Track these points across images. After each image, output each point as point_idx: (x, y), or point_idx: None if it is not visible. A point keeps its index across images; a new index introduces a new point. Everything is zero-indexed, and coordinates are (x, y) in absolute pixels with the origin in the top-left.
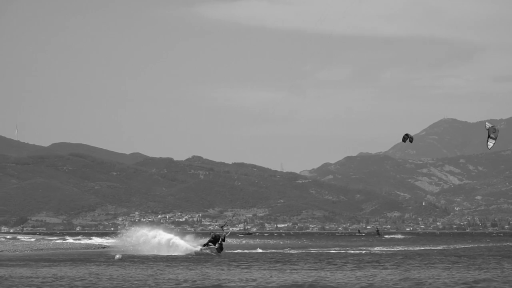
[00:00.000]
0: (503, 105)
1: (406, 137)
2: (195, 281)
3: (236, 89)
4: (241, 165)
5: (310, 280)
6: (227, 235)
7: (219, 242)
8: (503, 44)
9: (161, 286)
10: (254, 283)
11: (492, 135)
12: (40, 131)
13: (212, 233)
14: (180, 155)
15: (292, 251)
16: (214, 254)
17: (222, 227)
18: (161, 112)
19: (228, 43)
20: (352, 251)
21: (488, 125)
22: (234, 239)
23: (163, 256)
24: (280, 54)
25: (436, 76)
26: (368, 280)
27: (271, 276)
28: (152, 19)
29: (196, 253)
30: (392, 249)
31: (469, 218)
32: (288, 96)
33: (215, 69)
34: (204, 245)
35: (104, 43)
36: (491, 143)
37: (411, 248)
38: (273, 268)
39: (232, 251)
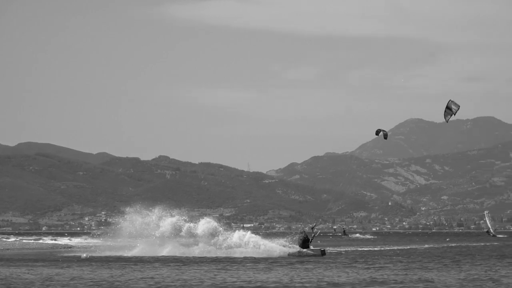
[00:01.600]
0: (470, 105)
1: (379, 131)
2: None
3: (203, 88)
4: (208, 165)
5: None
6: (316, 235)
7: (310, 242)
8: (471, 45)
9: None
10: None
11: (453, 107)
12: (6, 131)
13: (303, 232)
14: (146, 155)
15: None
16: (318, 256)
17: (312, 228)
18: (127, 112)
19: (194, 43)
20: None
21: (454, 108)
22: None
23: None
24: (247, 54)
25: (403, 76)
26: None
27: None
28: (119, 18)
29: (291, 254)
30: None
31: (435, 218)
32: (254, 96)
33: (182, 68)
34: (300, 245)
35: (73, 43)
36: (448, 115)
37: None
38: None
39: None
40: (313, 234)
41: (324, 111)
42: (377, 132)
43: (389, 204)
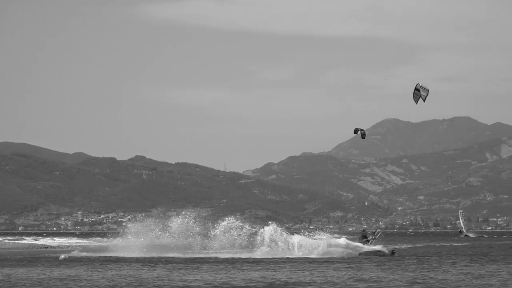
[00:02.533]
0: (446, 106)
1: (357, 130)
2: None
3: (180, 88)
4: (184, 165)
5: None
6: (376, 237)
7: (370, 242)
8: (448, 45)
9: None
10: None
11: (421, 92)
12: None
13: (364, 230)
14: (123, 155)
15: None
16: (388, 255)
17: (373, 233)
18: (104, 111)
19: (171, 43)
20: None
21: (423, 94)
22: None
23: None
24: (224, 53)
25: (380, 76)
26: None
27: None
28: (98, 17)
29: (362, 254)
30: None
31: (412, 218)
32: (231, 95)
33: (159, 68)
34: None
35: (46, 44)
36: (417, 97)
37: None
38: None
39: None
40: (373, 237)
41: (300, 111)
42: (356, 131)
43: (366, 204)
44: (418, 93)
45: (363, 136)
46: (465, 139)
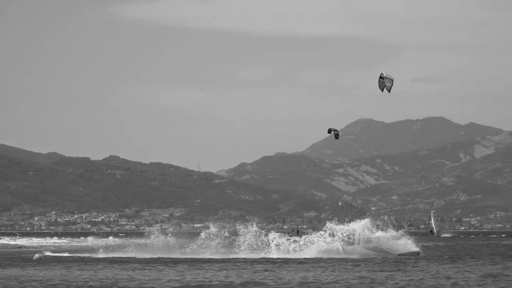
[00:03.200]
0: (420, 106)
1: (331, 130)
2: None
3: (154, 89)
4: (158, 164)
5: None
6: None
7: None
8: (422, 46)
9: None
10: None
11: (386, 83)
12: None
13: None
14: (97, 155)
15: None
16: (415, 255)
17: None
18: (78, 111)
19: (147, 42)
20: None
21: (388, 85)
22: None
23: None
24: (200, 53)
25: (354, 76)
26: None
27: None
28: (74, 18)
29: (401, 255)
30: None
31: (385, 218)
32: (206, 96)
33: (133, 68)
34: None
35: (25, 41)
36: (382, 86)
37: None
38: None
39: None
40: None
41: (274, 111)
42: (329, 131)
43: (339, 204)
44: (383, 81)
45: (337, 136)
46: (438, 139)
